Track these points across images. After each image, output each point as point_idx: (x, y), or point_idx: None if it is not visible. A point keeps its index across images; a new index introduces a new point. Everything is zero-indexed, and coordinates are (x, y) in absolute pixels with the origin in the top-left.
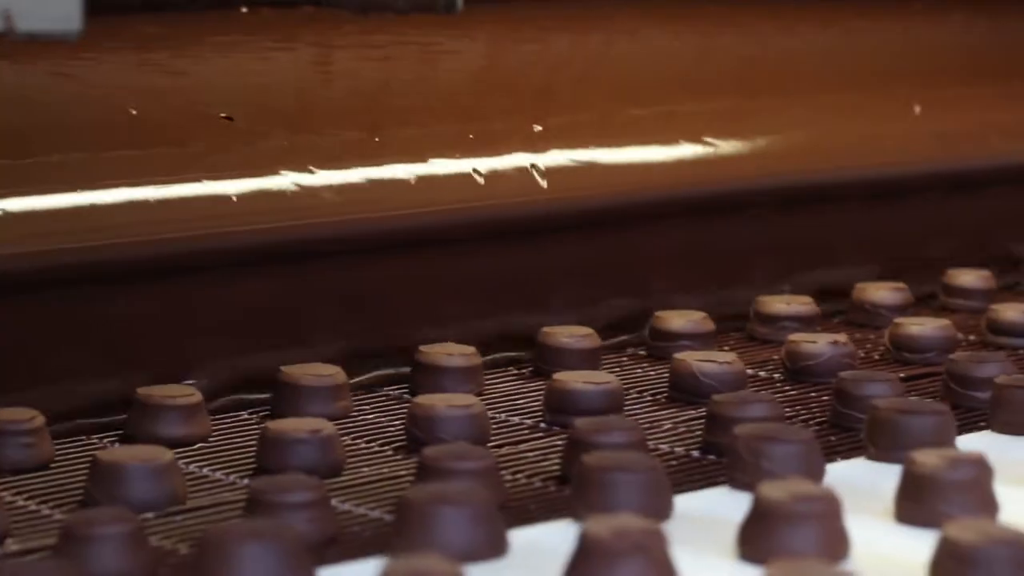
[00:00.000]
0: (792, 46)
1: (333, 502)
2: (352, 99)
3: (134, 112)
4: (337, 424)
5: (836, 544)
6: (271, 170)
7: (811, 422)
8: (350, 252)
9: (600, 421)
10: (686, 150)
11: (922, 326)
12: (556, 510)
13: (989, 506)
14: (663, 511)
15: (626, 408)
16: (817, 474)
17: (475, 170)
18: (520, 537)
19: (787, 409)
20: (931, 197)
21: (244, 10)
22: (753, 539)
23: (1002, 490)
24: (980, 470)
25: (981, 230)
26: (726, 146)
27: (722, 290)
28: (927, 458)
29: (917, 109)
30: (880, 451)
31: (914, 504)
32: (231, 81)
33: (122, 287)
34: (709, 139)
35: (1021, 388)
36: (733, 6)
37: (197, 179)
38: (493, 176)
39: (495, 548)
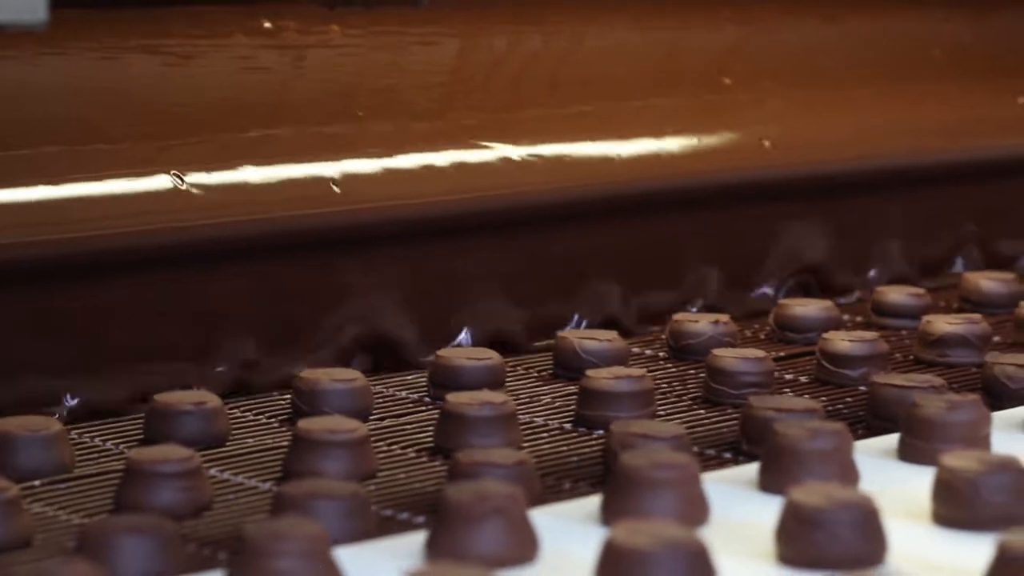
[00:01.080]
0: (764, 41)
1: (213, 471)
2: (323, 93)
3: (105, 106)
4: (228, 398)
5: (694, 509)
6: (241, 163)
7: (684, 397)
8: (331, 244)
9: (472, 394)
10: (658, 144)
11: (804, 307)
12: (424, 478)
13: (849, 474)
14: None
15: (510, 383)
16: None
17: (450, 164)
18: None
19: (663, 385)
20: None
21: (215, 5)
22: (613, 504)
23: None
24: (840, 439)
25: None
26: (697, 141)
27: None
28: (789, 429)
29: (893, 104)
30: (752, 446)
31: (775, 473)
32: (202, 75)
33: (93, 280)
34: (681, 134)
35: (891, 386)
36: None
37: (167, 172)
38: (464, 169)
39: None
